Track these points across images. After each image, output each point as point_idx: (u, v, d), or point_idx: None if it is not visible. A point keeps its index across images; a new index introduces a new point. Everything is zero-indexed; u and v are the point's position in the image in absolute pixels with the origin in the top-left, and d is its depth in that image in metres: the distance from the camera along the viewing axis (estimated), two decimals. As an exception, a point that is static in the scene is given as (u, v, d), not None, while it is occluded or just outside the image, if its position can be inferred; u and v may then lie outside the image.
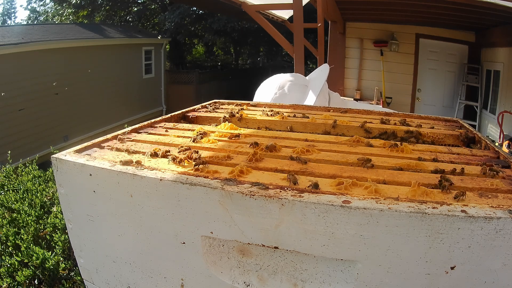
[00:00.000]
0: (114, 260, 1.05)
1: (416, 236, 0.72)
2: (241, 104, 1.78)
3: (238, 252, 0.89)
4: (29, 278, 1.96)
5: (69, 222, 1.09)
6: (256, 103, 1.82)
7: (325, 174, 0.92)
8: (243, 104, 1.79)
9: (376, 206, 0.74)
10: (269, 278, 0.88)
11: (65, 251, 2.19)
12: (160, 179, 0.88)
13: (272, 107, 1.74)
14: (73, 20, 17.79)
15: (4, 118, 8.68)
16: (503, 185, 0.86)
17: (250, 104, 1.80)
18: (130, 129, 1.33)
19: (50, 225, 2.37)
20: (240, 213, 0.82)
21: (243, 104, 1.78)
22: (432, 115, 1.64)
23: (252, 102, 1.83)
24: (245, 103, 1.79)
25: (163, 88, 15.19)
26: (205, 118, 1.56)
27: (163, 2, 19.91)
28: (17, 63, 9.08)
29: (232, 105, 1.77)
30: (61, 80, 10.01)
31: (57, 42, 10.49)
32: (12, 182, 3.20)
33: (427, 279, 0.75)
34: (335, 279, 0.83)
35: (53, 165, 1.05)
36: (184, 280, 0.96)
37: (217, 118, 1.53)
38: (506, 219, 0.69)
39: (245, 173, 0.91)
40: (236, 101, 1.88)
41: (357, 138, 1.19)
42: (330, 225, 0.76)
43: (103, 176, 0.95)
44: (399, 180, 0.89)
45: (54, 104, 10.06)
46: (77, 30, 12.61)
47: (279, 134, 1.29)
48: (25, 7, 44.18)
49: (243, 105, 1.76)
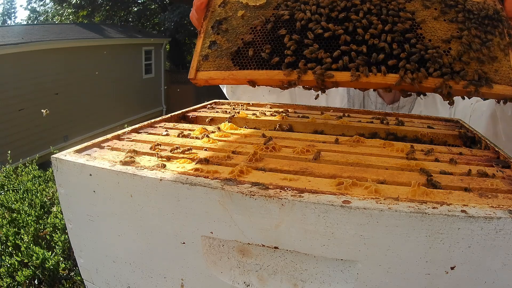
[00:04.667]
0: (114, 260, 1.05)
1: (416, 236, 0.72)
2: (242, 104, 1.78)
3: (238, 252, 0.89)
4: (29, 278, 1.97)
5: (69, 222, 1.09)
6: (256, 103, 1.82)
7: (325, 174, 0.92)
8: (243, 104, 1.79)
9: (376, 206, 0.74)
10: (269, 278, 0.88)
11: (65, 251, 2.20)
12: (160, 179, 0.88)
13: (272, 107, 1.74)
14: (73, 20, 17.79)
15: (4, 118, 8.68)
16: (503, 185, 0.86)
17: (251, 104, 1.80)
18: (130, 129, 1.33)
19: (50, 225, 2.38)
20: (240, 213, 0.82)
21: (244, 104, 1.78)
22: (432, 115, 1.65)
23: (252, 102, 1.83)
24: (245, 103, 1.79)
25: (163, 88, 15.20)
26: (205, 118, 1.56)
27: (163, 2, 19.92)
28: (17, 63, 9.09)
29: (232, 105, 1.77)
30: (61, 80, 10.02)
31: (57, 42, 10.51)
32: (12, 182, 3.21)
33: (427, 279, 0.75)
34: (335, 279, 0.83)
35: (53, 165, 1.05)
36: (184, 280, 0.96)
37: (217, 118, 1.53)
38: (506, 219, 0.69)
39: (245, 173, 0.91)
40: (236, 101, 1.88)
41: (357, 138, 1.19)
42: (330, 225, 0.76)
43: (103, 176, 0.95)
44: (399, 180, 0.89)
45: (54, 104, 10.07)
46: (77, 30, 12.62)
47: (279, 134, 1.29)
48: (25, 7, 44.21)
49: (243, 105, 1.76)
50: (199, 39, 1.44)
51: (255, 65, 1.33)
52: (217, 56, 1.39)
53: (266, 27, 1.35)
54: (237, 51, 1.36)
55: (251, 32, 1.36)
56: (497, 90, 1.19)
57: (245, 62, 1.34)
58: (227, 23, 1.40)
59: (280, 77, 1.30)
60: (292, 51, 1.29)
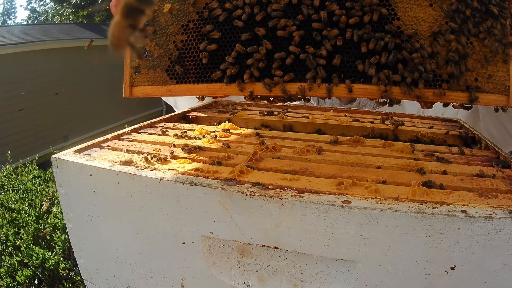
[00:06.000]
0: (114, 260, 1.05)
1: (416, 236, 0.72)
2: (242, 104, 1.78)
3: (238, 252, 0.89)
4: (29, 278, 1.97)
5: (69, 222, 1.09)
6: (257, 103, 1.82)
7: (325, 174, 0.92)
8: (243, 103, 1.79)
9: (376, 206, 0.74)
10: (269, 278, 0.88)
11: (65, 251, 2.20)
12: (160, 179, 0.88)
13: (272, 107, 1.74)
14: (73, 20, 17.79)
15: (4, 118, 8.68)
16: (503, 185, 0.86)
17: (251, 103, 1.80)
18: (130, 129, 1.33)
19: (50, 225, 2.38)
20: (240, 213, 0.82)
21: (243, 104, 1.78)
22: (432, 115, 1.64)
23: (253, 102, 1.83)
24: (245, 103, 1.79)
25: (163, 88, 15.18)
26: (205, 118, 1.56)
27: (163, 2, 19.87)
28: (17, 63, 9.08)
29: (232, 105, 1.78)
30: (61, 80, 10.02)
31: (57, 42, 10.50)
32: (12, 182, 3.21)
33: (427, 279, 0.75)
34: (335, 279, 0.83)
35: (53, 165, 1.05)
36: (184, 280, 0.96)
37: (217, 117, 1.53)
38: (506, 219, 0.69)
39: (245, 173, 0.91)
40: (236, 100, 1.88)
41: (357, 138, 1.19)
42: (330, 225, 0.76)
43: (103, 176, 0.95)
44: (399, 180, 0.89)
45: (54, 104, 10.07)
46: (77, 30, 12.62)
47: (279, 134, 1.29)
48: (25, 7, 44.26)
49: (243, 105, 1.77)
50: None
51: (194, 77, 1.11)
52: (150, 67, 1.16)
53: (199, 25, 1.09)
54: (171, 62, 1.13)
55: (183, 32, 1.12)
56: (487, 101, 1.00)
57: (181, 75, 1.13)
58: (154, 22, 1.16)
59: (225, 91, 1.09)
60: (233, 58, 1.05)
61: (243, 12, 1.02)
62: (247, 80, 1.05)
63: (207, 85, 1.10)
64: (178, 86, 1.14)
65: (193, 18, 1.09)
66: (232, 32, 1.05)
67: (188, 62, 1.10)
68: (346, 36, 0.96)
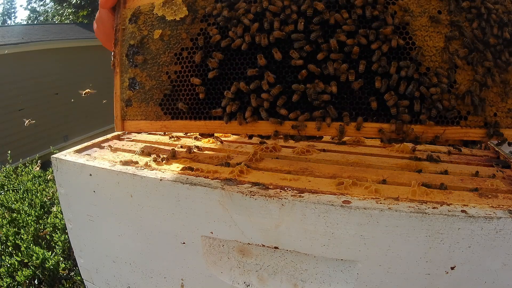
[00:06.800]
0: (114, 260, 1.05)
1: (416, 236, 0.72)
2: None
3: (238, 252, 0.89)
4: (29, 278, 1.97)
5: (69, 222, 1.09)
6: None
7: (325, 174, 0.92)
8: None
9: (376, 206, 0.74)
10: (269, 278, 0.88)
11: (65, 251, 2.20)
12: (160, 179, 0.88)
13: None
14: (73, 20, 17.78)
15: (4, 118, 8.68)
16: (503, 185, 0.86)
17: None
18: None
19: (50, 225, 2.38)
20: (240, 213, 0.82)
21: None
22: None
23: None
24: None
25: (163, 88, 15.20)
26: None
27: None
28: (17, 63, 9.08)
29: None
30: (61, 80, 10.01)
31: (57, 42, 10.50)
32: (12, 182, 3.21)
33: (427, 279, 0.75)
34: (335, 279, 0.83)
35: (53, 165, 1.05)
36: (184, 280, 0.96)
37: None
38: (506, 219, 0.69)
39: (245, 173, 0.91)
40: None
41: (357, 138, 1.19)
42: (330, 225, 0.76)
43: (103, 176, 0.95)
44: (399, 180, 0.89)
45: (54, 104, 10.06)
46: (77, 30, 12.62)
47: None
48: (25, 7, 44.27)
49: None
50: (116, 76, 1.10)
51: (190, 113, 0.99)
52: (142, 100, 1.04)
53: (194, 54, 0.97)
54: (164, 96, 1.01)
55: (176, 62, 0.99)
56: (507, 137, 0.87)
57: (177, 110, 1.01)
58: (144, 49, 1.03)
59: (225, 130, 0.97)
60: (233, 93, 0.93)
61: (243, 41, 0.92)
62: (249, 119, 0.93)
63: (205, 122, 0.98)
64: (173, 122, 1.02)
65: (187, 46, 0.98)
66: (232, 64, 0.94)
67: (183, 97, 0.99)
68: (359, 69, 0.85)
